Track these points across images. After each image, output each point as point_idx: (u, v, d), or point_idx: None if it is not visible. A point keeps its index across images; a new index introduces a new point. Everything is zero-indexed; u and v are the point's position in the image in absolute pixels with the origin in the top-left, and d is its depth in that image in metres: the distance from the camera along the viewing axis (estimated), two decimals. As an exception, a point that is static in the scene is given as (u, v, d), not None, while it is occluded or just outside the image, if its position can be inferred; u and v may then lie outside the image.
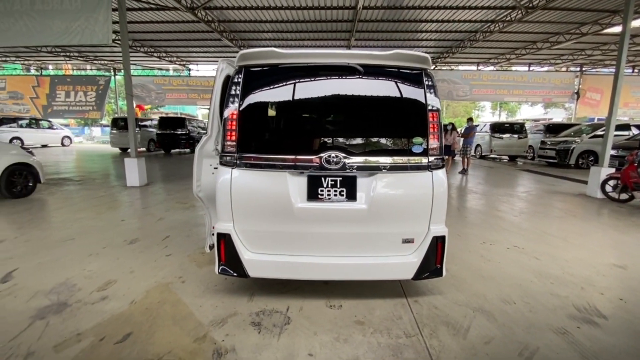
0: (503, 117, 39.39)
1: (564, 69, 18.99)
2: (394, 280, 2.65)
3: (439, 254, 2.25)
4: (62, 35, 6.84)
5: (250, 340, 2.00)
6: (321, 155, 2.13)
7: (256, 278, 2.31)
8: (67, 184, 7.16)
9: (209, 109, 2.60)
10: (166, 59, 17.66)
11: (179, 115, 20.05)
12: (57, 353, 1.85)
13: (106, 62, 19.78)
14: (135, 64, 19.88)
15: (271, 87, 2.23)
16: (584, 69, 18.28)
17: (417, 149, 2.18)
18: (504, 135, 14.28)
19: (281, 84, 2.22)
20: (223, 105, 2.27)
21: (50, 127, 18.77)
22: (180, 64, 19.41)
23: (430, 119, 2.17)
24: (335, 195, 2.18)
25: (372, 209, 2.16)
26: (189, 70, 20.60)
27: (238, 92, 2.18)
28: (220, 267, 2.28)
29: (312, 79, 2.23)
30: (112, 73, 20.77)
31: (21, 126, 16.95)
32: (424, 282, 2.71)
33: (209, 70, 21.36)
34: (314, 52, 2.17)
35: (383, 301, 2.45)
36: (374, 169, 2.16)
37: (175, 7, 9.93)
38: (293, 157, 2.14)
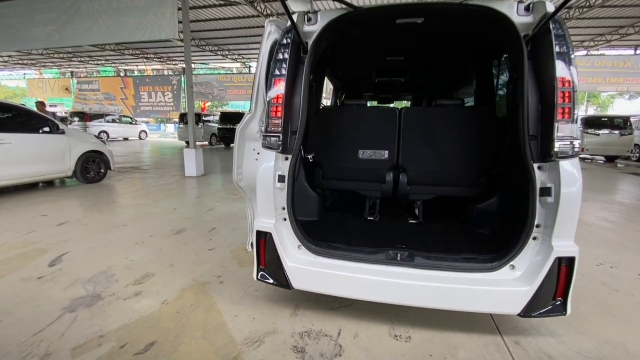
0: (590, 112, 33.72)
1: (686, 50, 15.35)
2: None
3: (563, 283, 1.55)
4: (135, 32, 7.23)
5: (290, 373, 1.54)
6: None
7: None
8: (135, 172, 7.61)
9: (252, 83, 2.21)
10: (229, 57, 18.43)
11: (238, 111, 20.90)
12: (74, 358, 1.61)
13: (177, 62, 21.42)
14: (204, 63, 21.24)
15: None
16: None
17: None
18: (600, 132, 11.89)
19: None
20: (269, 75, 1.84)
21: (130, 122, 20.88)
22: (241, 62, 20.16)
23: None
24: None
25: None
26: (250, 67, 21.33)
27: (287, 57, 1.73)
28: (259, 273, 1.87)
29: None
30: (183, 72, 22.44)
31: (107, 121, 19.12)
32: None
33: (267, 67, 21.87)
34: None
35: (468, 337, 1.82)
36: None
37: (236, 2, 10.07)
38: None
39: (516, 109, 1.66)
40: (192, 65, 22.29)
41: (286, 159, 1.82)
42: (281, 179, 1.79)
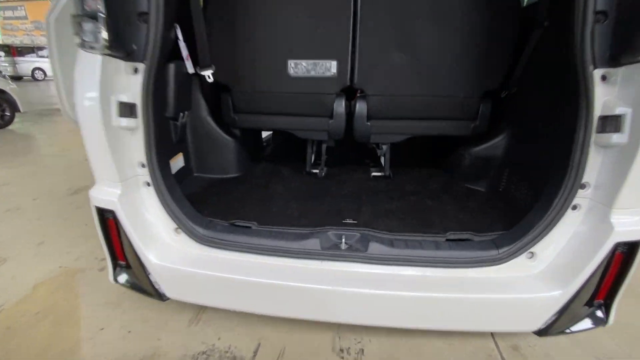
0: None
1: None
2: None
3: (611, 280, 0.92)
4: None
5: None
6: None
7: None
8: (59, 115, 6.31)
9: None
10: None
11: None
12: None
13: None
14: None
15: None
16: None
17: None
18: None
19: None
20: None
21: (72, 57, 17.90)
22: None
23: None
24: None
25: None
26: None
27: None
28: (119, 273, 1.14)
29: None
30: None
31: (41, 57, 16.21)
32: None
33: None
34: None
35: (447, 344, 1.24)
36: None
37: None
38: None
39: None
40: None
41: (135, 71, 0.96)
42: (128, 110, 0.95)
